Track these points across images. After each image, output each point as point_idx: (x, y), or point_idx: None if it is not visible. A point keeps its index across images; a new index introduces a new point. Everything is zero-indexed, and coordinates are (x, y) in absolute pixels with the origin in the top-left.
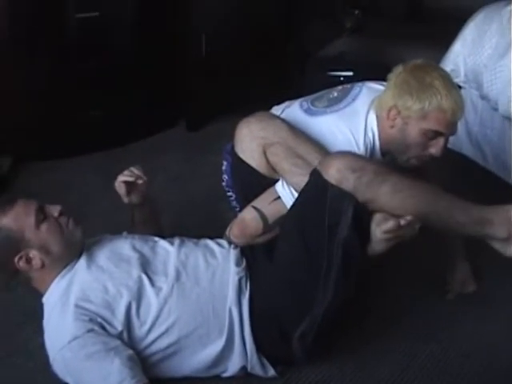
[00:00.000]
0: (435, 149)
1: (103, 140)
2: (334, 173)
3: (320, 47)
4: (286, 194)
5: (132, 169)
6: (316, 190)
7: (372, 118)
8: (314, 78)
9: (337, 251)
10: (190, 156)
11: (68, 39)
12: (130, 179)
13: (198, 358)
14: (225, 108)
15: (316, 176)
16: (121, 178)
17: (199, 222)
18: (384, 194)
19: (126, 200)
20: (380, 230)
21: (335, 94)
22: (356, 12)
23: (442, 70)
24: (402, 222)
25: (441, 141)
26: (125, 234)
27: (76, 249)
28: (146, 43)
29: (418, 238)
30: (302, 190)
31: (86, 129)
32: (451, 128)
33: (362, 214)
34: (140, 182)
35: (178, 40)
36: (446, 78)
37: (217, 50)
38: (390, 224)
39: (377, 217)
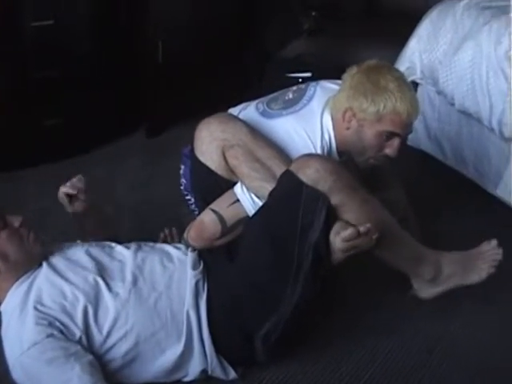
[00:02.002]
0: (391, 149)
1: (62, 148)
2: (311, 172)
3: (278, 49)
4: (245, 196)
5: (74, 181)
6: (289, 190)
7: (327, 119)
8: (272, 80)
9: (307, 253)
10: (149, 162)
11: (24, 48)
12: (72, 192)
13: (158, 363)
14: (184, 113)
15: (289, 176)
16: (62, 189)
17: (160, 226)
18: (355, 200)
19: (69, 209)
20: (339, 238)
21: (290, 96)
22: (313, 13)
23: (397, 71)
24: (362, 229)
25: (396, 141)
26: (78, 242)
27: (34, 261)
28: (102, 50)
29: None
30: (273, 191)
31: (44, 138)
32: (406, 129)
33: (330, 218)
34: (81, 197)
35: (134, 46)
36: (401, 79)
37: (174, 55)
38: (350, 231)
39: (336, 226)
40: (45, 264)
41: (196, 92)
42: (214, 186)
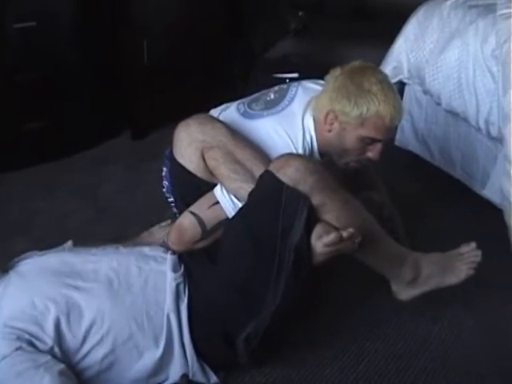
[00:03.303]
0: (373, 153)
1: (47, 151)
2: (292, 172)
3: (264, 49)
4: (225, 198)
5: None
6: (268, 191)
7: (309, 120)
8: (259, 81)
9: (289, 255)
10: (135, 164)
11: (7, 50)
12: None
13: (137, 367)
14: (170, 115)
15: (268, 177)
16: None
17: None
18: (336, 201)
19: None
20: (321, 243)
21: (272, 96)
22: (300, 13)
23: (381, 73)
24: (345, 234)
25: (378, 146)
26: (70, 242)
27: None
28: (86, 52)
29: None
30: (252, 191)
31: (29, 140)
32: (389, 133)
33: (311, 219)
34: None
35: (119, 47)
36: (385, 82)
37: (160, 57)
38: (332, 237)
39: (317, 229)
40: (15, 275)
41: (182, 93)
42: (193, 188)
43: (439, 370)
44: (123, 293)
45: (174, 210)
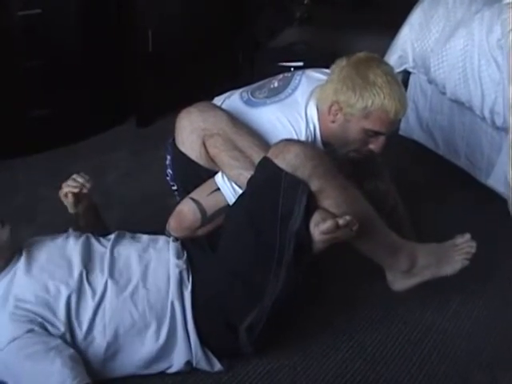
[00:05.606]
0: (375, 146)
1: (52, 139)
2: (291, 158)
3: (269, 38)
4: (226, 185)
5: (75, 177)
6: (268, 178)
7: (312, 110)
8: (264, 70)
9: (289, 242)
10: (139, 152)
11: (11, 37)
12: (75, 190)
13: (140, 355)
14: (174, 103)
15: (267, 164)
16: (66, 189)
17: (148, 217)
18: (335, 187)
19: (72, 210)
20: (318, 230)
21: (275, 84)
22: (305, 1)
23: (386, 65)
24: (341, 221)
25: (381, 138)
26: (70, 230)
27: (6, 249)
28: (91, 39)
29: None
30: (251, 178)
31: (34, 128)
32: (393, 126)
33: (311, 205)
34: (85, 191)
35: (124, 35)
36: (390, 75)
37: (164, 45)
38: (329, 224)
39: (315, 216)
40: (26, 259)
41: (187, 81)
42: (195, 175)
43: (444, 359)
44: (124, 282)
45: (178, 198)
